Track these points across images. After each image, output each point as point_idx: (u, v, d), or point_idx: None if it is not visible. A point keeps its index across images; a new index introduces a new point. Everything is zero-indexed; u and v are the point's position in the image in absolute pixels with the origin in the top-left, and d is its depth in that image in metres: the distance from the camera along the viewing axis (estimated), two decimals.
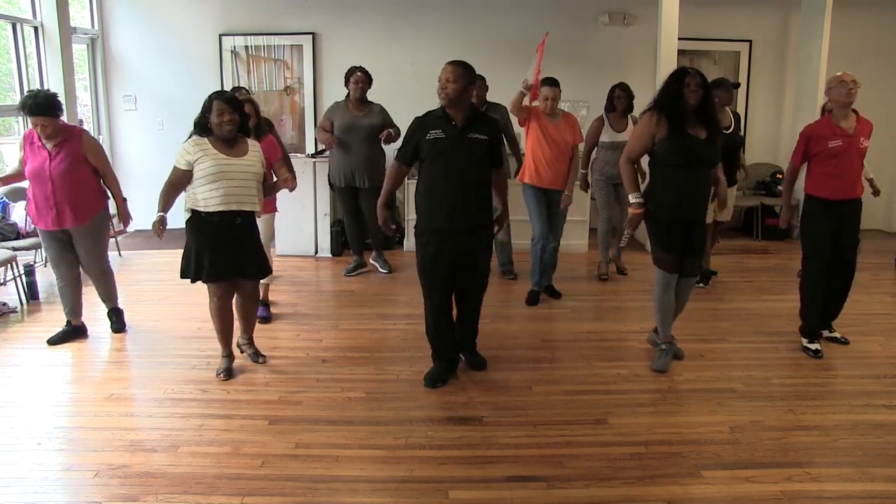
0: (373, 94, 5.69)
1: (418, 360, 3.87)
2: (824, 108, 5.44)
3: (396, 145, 5.75)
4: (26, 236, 5.23)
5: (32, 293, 5.09)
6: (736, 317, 4.79)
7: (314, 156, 6.53)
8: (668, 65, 6.22)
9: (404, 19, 7.28)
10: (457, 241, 3.55)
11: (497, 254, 5.56)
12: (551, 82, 4.83)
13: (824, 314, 4.23)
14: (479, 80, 5.40)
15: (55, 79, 6.07)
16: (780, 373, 3.86)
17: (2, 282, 5.28)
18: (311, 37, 7.28)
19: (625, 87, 5.51)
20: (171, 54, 7.27)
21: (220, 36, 7.24)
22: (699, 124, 3.62)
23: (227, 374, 3.74)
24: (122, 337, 4.39)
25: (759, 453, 2.99)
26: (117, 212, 4.31)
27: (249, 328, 3.99)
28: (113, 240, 5.92)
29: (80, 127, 4.24)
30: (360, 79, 5.52)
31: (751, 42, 7.58)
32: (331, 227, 6.41)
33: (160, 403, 3.44)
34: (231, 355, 3.82)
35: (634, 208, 3.74)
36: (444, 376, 3.70)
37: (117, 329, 4.42)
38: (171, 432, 3.14)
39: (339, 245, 6.45)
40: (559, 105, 4.94)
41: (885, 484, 2.78)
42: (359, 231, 5.88)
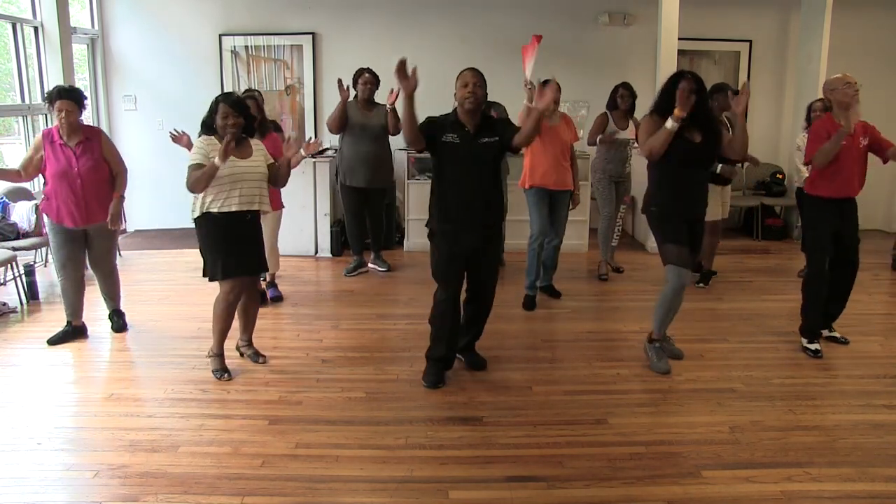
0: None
1: (418, 360, 3.87)
2: (810, 109, 5.46)
3: (400, 143, 5.83)
4: (26, 236, 5.22)
5: (32, 293, 5.09)
6: (736, 317, 4.79)
7: (314, 156, 6.51)
8: (668, 65, 6.22)
9: (404, 19, 7.28)
10: (468, 240, 3.61)
11: None
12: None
13: (826, 314, 4.23)
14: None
15: (55, 79, 6.05)
16: (780, 373, 3.86)
17: (2, 282, 5.28)
18: (311, 37, 7.28)
19: (628, 87, 5.54)
20: (171, 54, 7.28)
21: (220, 36, 7.24)
22: (694, 127, 3.67)
23: (228, 374, 3.74)
24: (122, 337, 4.39)
25: (759, 453, 2.99)
26: (112, 209, 4.20)
27: (250, 328, 3.99)
28: None
29: (95, 127, 4.30)
30: (368, 80, 5.57)
31: (751, 42, 7.58)
32: (331, 227, 6.41)
33: (160, 403, 3.44)
34: (223, 353, 3.81)
35: (680, 110, 3.57)
36: (443, 376, 3.72)
37: (118, 329, 4.43)
38: (171, 432, 3.14)
39: (339, 245, 6.45)
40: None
41: (885, 484, 2.78)
42: (360, 231, 5.88)
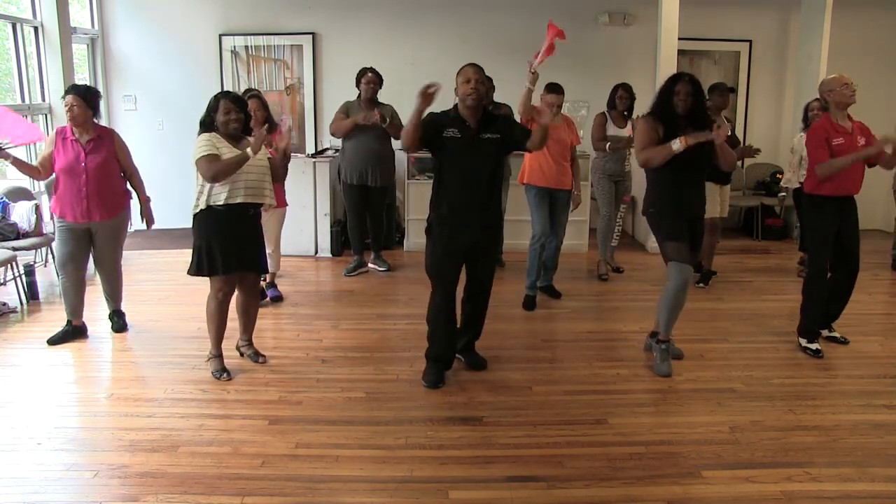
0: None
1: (418, 360, 3.87)
2: (807, 109, 5.46)
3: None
4: (26, 236, 5.22)
5: (32, 293, 5.09)
6: (736, 317, 4.79)
7: (314, 156, 6.53)
8: (668, 65, 6.22)
9: (405, 19, 7.29)
10: (466, 236, 3.60)
11: None
12: (556, 89, 4.83)
13: (826, 314, 4.24)
14: (487, 80, 5.42)
15: (55, 79, 6.07)
16: (780, 373, 3.86)
17: (2, 282, 5.28)
18: (311, 37, 7.28)
19: (628, 88, 5.54)
20: (171, 54, 7.28)
21: (220, 36, 7.24)
22: (692, 129, 3.66)
23: (227, 374, 3.74)
24: (122, 337, 4.39)
25: (759, 453, 2.99)
26: (141, 211, 4.39)
27: (250, 327, 3.99)
28: None
29: (108, 127, 4.34)
30: (372, 79, 5.56)
31: (751, 42, 7.58)
32: (331, 227, 6.41)
33: (160, 403, 3.44)
34: (221, 354, 3.81)
35: (679, 140, 3.56)
36: (442, 376, 3.72)
37: (118, 329, 4.43)
38: (171, 432, 3.14)
39: (339, 245, 6.45)
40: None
41: (885, 484, 2.78)
42: (361, 230, 5.88)
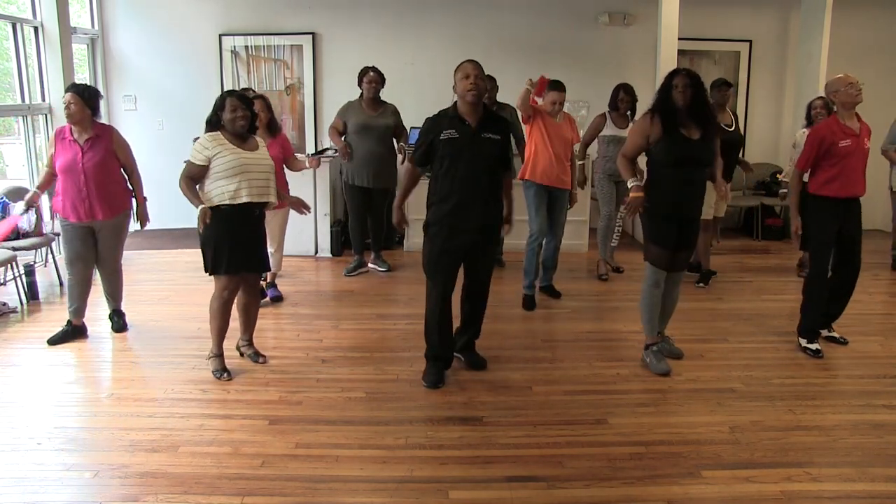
0: None
1: (418, 360, 3.87)
2: (810, 107, 5.47)
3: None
4: (26, 236, 5.22)
5: (32, 293, 5.09)
6: (736, 317, 4.79)
7: (314, 156, 6.52)
8: (668, 65, 6.22)
9: (405, 19, 7.29)
10: (465, 235, 3.58)
11: None
12: (559, 87, 4.84)
13: (826, 314, 4.24)
14: (491, 80, 5.44)
15: (55, 79, 6.07)
16: (780, 373, 3.86)
17: (2, 282, 5.28)
18: (311, 37, 7.29)
19: (629, 91, 5.52)
20: (171, 54, 7.28)
21: (220, 36, 7.24)
22: (693, 125, 3.66)
23: (228, 374, 3.74)
24: (122, 337, 4.39)
25: (759, 453, 2.99)
26: (136, 210, 4.37)
27: (250, 327, 3.99)
28: None
29: (109, 126, 4.33)
30: (374, 79, 5.51)
31: (751, 42, 7.58)
32: (331, 227, 6.41)
33: (160, 403, 3.44)
34: (223, 353, 3.81)
35: (634, 191, 3.69)
36: (442, 376, 3.71)
37: (118, 329, 4.43)
38: (171, 432, 3.14)
39: (339, 245, 6.45)
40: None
41: (885, 484, 2.78)
42: (363, 230, 5.87)
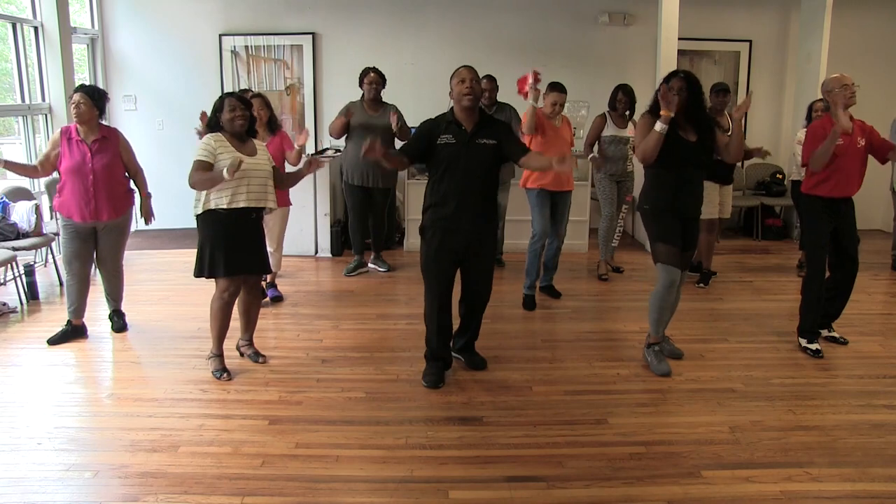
0: None
1: (418, 360, 3.87)
2: (811, 109, 5.47)
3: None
4: (26, 236, 5.22)
5: (32, 293, 5.09)
6: (736, 317, 4.79)
7: (314, 156, 6.52)
8: (668, 65, 6.22)
9: (404, 19, 7.29)
10: (459, 239, 3.58)
11: None
12: (559, 88, 4.85)
13: (825, 314, 4.24)
14: (491, 81, 5.46)
15: (55, 79, 6.08)
16: (780, 373, 3.86)
17: (2, 282, 5.28)
18: (311, 37, 7.29)
19: (627, 91, 5.53)
20: (171, 54, 7.28)
21: (220, 36, 7.24)
22: (690, 127, 3.68)
23: (227, 374, 3.73)
24: (122, 337, 4.39)
25: (759, 453, 2.99)
26: (141, 206, 4.40)
27: (251, 327, 3.99)
28: None
29: (114, 128, 4.36)
30: (374, 79, 5.53)
31: (751, 42, 7.58)
32: (331, 227, 6.41)
33: (160, 403, 3.44)
34: (222, 353, 3.81)
35: (666, 110, 3.55)
36: (442, 376, 3.72)
37: (118, 329, 4.43)
38: (171, 432, 3.14)
39: (340, 245, 6.46)
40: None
41: (885, 484, 2.78)
42: (363, 230, 5.88)
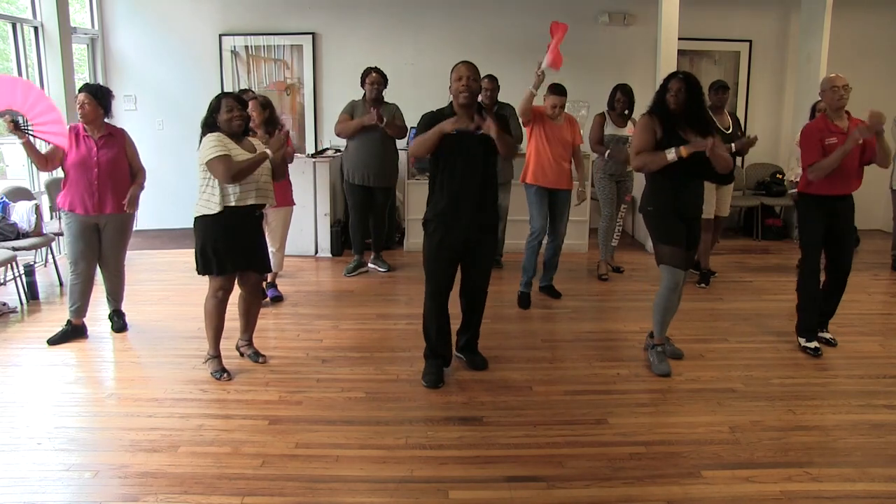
0: None
1: (418, 360, 3.87)
2: (814, 108, 5.48)
3: (401, 143, 5.85)
4: (26, 236, 5.22)
5: (32, 293, 5.09)
6: (736, 317, 4.79)
7: (314, 156, 6.53)
8: (668, 65, 6.22)
9: (404, 19, 7.29)
10: (458, 233, 3.60)
11: None
12: (559, 90, 4.87)
13: (821, 312, 4.25)
14: (493, 80, 5.48)
15: (55, 79, 6.07)
16: (780, 373, 3.86)
17: (2, 282, 5.28)
18: (311, 37, 7.29)
19: (626, 91, 5.54)
20: (171, 54, 7.28)
21: (220, 36, 7.24)
22: (689, 128, 3.68)
23: (227, 375, 3.74)
24: (122, 337, 4.39)
25: (759, 453, 2.99)
26: (131, 192, 4.24)
27: (250, 327, 3.99)
28: None
29: (122, 128, 4.38)
30: (375, 79, 5.54)
31: (751, 42, 7.58)
32: (331, 227, 6.41)
33: (160, 403, 3.44)
34: (219, 354, 3.82)
35: (687, 149, 3.53)
36: (441, 375, 3.72)
37: (118, 329, 4.43)
38: (171, 432, 3.14)
39: (340, 245, 6.45)
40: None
41: (885, 484, 2.78)
42: (363, 230, 5.89)
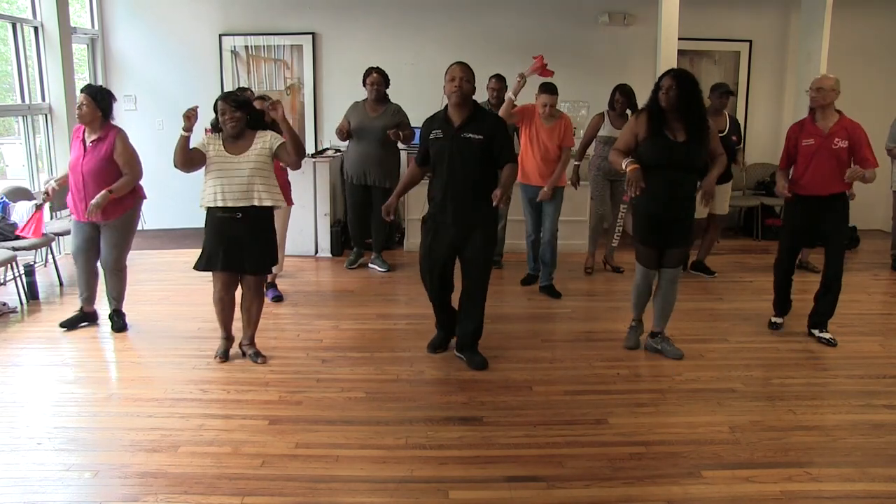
0: None
1: (418, 360, 3.87)
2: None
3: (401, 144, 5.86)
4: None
5: (32, 293, 5.09)
6: (736, 317, 4.79)
7: (314, 156, 6.53)
8: (668, 65, 6.21)
9: (404, 19, 7.28)
10: (448, 233, 3.72)
11: None
12: (550, 89, 4.92)
13: (814, 311, 4.32)
14: (500, 80, 5.52)
15: (55, 79, 6.07)
16: (780, 373, 3.86)
17: (2, 282, 5.28)
18: (311, 37, 7.28)
19: (625, 91, 5.54)
20: (171, 54, 7.27)
21: (220, 36, 7.24)
22: (680, 126, 3.69)
23: (222, 357, 3.88)
24: (122, 337, 4.38)
25: (759, 453, 2.99)
26: (95, 199, 4.03)
27: (251, 327, 3.99)
28: None
29: (117, 128, 4.27)
30: (375, 80, 5.56)
31: (751, 42, 7.57)
32: (331, 227, 6.41)
33: (160, 403, 3.44)
34: (229, 338, 3.96)
35: (630, 165, 3.71)
36: (442, 342, 4.01)
37: (118, 329, 4.42)
38: (171, 432, 3.14)
39: (340, 245, 6.46)
40: (557, 107, 5.05)
41: (885, 484, 2.78)
42: (362, 228, 5.95)
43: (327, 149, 6.87)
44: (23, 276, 5.01)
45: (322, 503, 2.66)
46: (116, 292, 4.45)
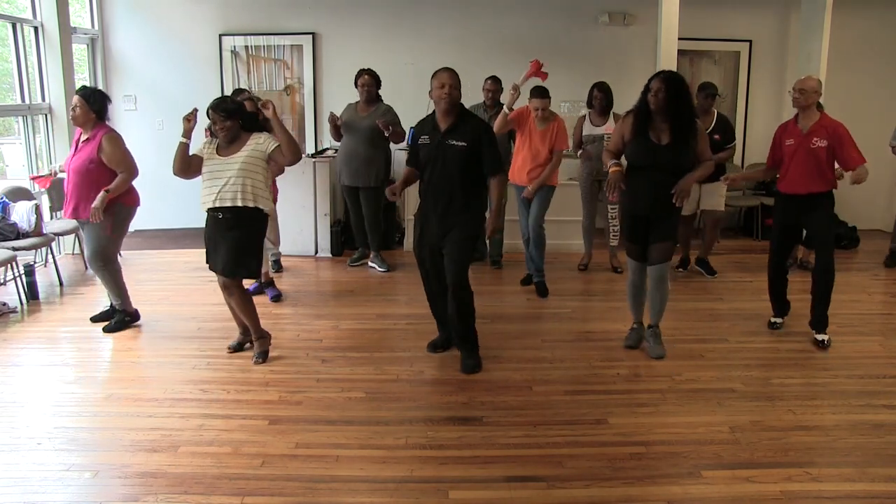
0: None
1: (418, 360, 3.87)
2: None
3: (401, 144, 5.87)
4: (26, 236, 5.22)
5: (32, 293, 5.09)
6: (736, 317, 4.79)
7: (314, 156, 6.53)
8: (668, 65, 6.22)
9: (404, 19, 7.28)
10: (430, 235, 3.83)
11: (490, 245, 5.97)
12: (541, 93, 5.00)
13: (811, 311, 4.30)
14: (496, 81, 5.59)
15: (55, 79, 6.08)
16: (780, 373, 3.86)
17: (2, 282, 5.28)
18: (311, 37, 7.28)
19: (602, 88, 5.60)
20: (171, 54, 7.27)
21: (220, 36, 7.24)
22: (666, 128, 3.72)
23: (232, 349, 4.04)
24: (121, 337, 4.38)
25: (759, 453, 2.99)
26: (95, 201, 4.05)
27: (242, 324, 4.07)
28: None
29: (106, 128, 4.22)
30: (366, 81, 5.63)
31: (751, 42, 7.57)
32: (331, 227, 6.41)
33: (160, 403, 3.44)
34: (245, 332, 4.06)
35: (613, 167, 3.84)
36: (445, 344, 4.02)
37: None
38: (171, 432, 3.14)
39: (340, 245, 6.46)
40: (553, 108, 5.14)
41: (885, 484, 2.78)
42: (358, 227, 6.06)
43: (327, 149, 6.87)
44: (23, 276, 5.01)
45: (322, 503, 2.66)
46: (108, 290, 4.46)
